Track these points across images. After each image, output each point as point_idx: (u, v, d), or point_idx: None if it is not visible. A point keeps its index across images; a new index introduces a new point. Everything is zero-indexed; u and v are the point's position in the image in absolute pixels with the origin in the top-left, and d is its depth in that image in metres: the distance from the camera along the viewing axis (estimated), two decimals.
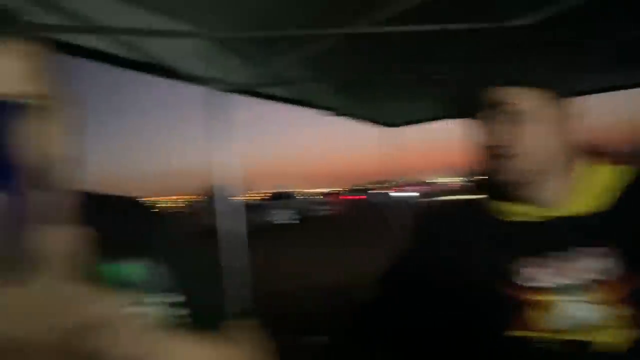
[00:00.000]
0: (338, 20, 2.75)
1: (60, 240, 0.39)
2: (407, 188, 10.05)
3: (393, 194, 9.65)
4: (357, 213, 26.06)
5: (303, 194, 29.83)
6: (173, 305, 0.84)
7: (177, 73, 3.02)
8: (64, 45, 2.45)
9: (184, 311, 0.84)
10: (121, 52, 2.75)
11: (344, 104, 4.74)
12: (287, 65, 3.35)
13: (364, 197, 38.91)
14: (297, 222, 22.57)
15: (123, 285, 0.76)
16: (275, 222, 21.63)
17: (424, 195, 30.45)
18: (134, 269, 0.82)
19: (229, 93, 3.33)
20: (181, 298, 0.85)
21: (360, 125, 5.88)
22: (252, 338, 0.87)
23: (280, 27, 2.83)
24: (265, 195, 25.65)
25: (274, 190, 27.26)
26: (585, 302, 1.03)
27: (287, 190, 27.26)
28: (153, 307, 0.80)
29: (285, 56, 3.24)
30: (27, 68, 0.68)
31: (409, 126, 6.07)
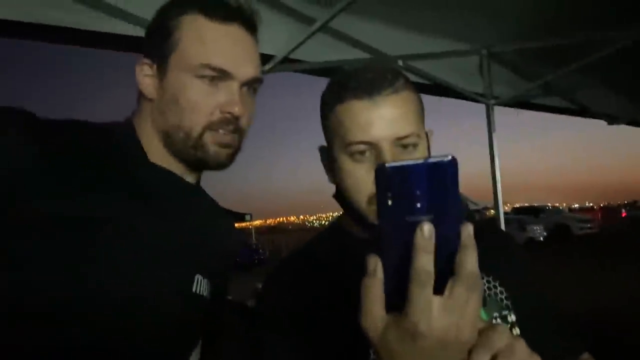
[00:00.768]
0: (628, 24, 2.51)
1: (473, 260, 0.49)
2: None
3: None
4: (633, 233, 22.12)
5: (558, 209, 27.05)
6: (509, 324, 0.83)
7: (451, 90, 3.16)
8: None
9: (517, 332, 0.83)
10: None
11: (626, 111, 4.22)
12: (563, 74, 3.17)
13: (624, 213, 32.89)
14: (543, 238, 20.44)
15: None
16: (529, 237, 20.06)
17: None
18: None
19: (498, 106, 3.33)
20: (514, 317, 0.84)
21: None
22: None
23: (560, 34, 2.72)
24: (512, 208, 24.10)
25: (524, 204, 25.37)
26: None
27: (539, 204, 25.10)
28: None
29: (562, 65, 3.08)
30: (419, 109, 0.84)
31: None
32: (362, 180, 0.79)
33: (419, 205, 0.47)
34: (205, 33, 0.85)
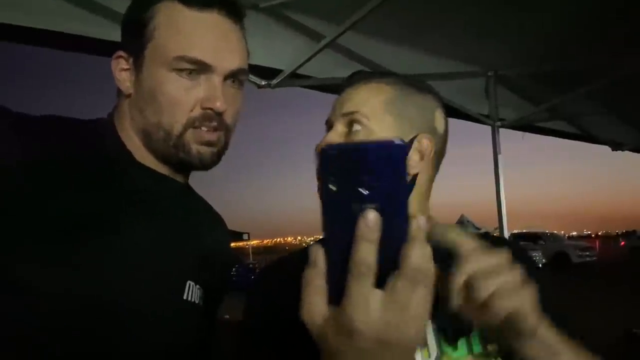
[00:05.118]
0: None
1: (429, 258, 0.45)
2: None
3: None
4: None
5: (557, 236, 26.95)
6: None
7: (457, 112, 3.16)
8: None
9: None
10: None
11: (631, 137, 4.21)
12: (569, 98, 3.17)
13: (623, 243, 32.69)
14: (542, 265, 20.25)
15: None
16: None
17: None
18: None
19: (504, 128, 3.32)
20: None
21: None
22: None
23: (567, 59, 2.72)
24: (510, 234, 23.97)
25: (521, 230, 25.37)
26: None
27: (537, 231, 25.08)
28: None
29: (568, 89, 3.08)
30: (390, 100, 0.79)
31: None
32: None
33: (365, 192, 0.43)
34: (182, 22, 0.78)
